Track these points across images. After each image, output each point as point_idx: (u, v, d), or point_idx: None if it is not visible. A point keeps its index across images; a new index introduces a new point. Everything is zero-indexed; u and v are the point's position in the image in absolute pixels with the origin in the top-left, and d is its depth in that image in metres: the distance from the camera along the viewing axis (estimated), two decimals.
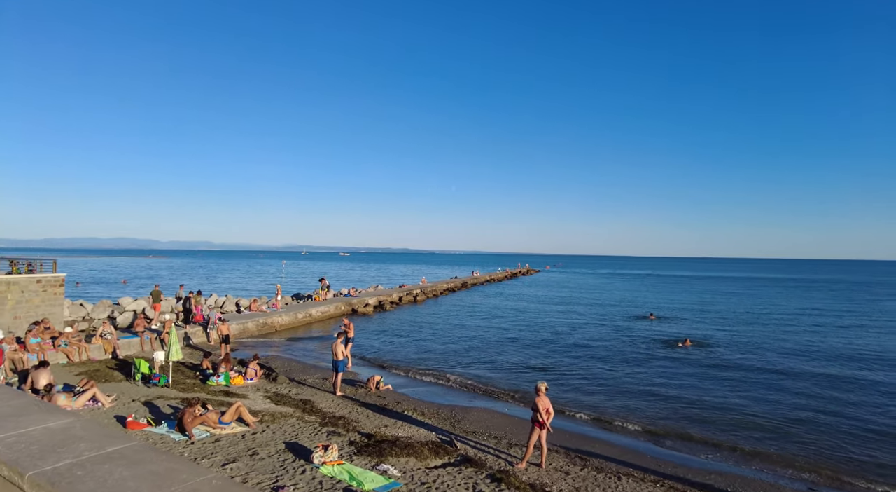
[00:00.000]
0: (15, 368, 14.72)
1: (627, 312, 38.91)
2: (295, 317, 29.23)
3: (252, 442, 10.14)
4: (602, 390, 16.09)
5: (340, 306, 34.50)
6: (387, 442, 10.64)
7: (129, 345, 19.02)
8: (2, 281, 17.94)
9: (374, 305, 37.75)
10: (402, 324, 30.97)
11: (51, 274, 19.53)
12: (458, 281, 63.57)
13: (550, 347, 22.86)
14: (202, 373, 15.97)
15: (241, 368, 16.46)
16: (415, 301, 44.61)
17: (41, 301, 18.98)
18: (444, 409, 13.91)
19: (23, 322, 18.07)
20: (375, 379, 15.52)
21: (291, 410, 12.86)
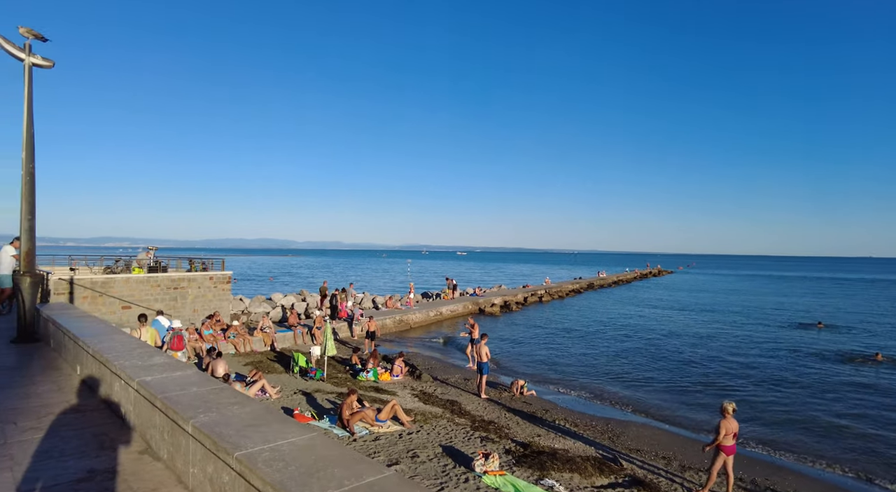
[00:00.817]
0: (197, 355, 16.46)
1: (787, 320, 34.22)
2: (427, 315, 29.77)
3: (409, 443, 10.06)
4: (782, 419, 13.64)
5: (468, 305, 34.56)
6: (545, 454, 10.00)
7: (285, 338, 20.49)
8: (183, 278, 20.32)
9: (499, 305, 37.35)
10: (530, 326, 30.11)
11: (220, 272, 21.74)
12: (583, 282, 61.03)
13: (704, 362, 20.49)
14: (352, 368, 16.60)
15: (386, 364, 16.87)
16: (540, 302, 43.45)
17: (213, 296, 21.20)
18: (598, 421, 12.90)
19: (199, 315, 20.32)
20: (519, 383, 14.96)
21: (440, 410, 12.74)
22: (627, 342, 24.34)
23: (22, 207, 7.78)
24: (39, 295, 8.99)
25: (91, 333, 6.08)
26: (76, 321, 6.93)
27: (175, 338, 16.36)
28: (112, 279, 18.36)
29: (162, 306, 19.15)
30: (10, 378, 5.80)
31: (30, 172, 7.80)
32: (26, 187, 7.78)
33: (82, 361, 5.78)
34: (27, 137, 7.74)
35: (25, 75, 7.76)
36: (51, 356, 6.96)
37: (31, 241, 7.90)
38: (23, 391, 5.29)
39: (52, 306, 8.56)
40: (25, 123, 7.70)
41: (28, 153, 7.76)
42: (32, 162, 7.82)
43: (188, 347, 16.47)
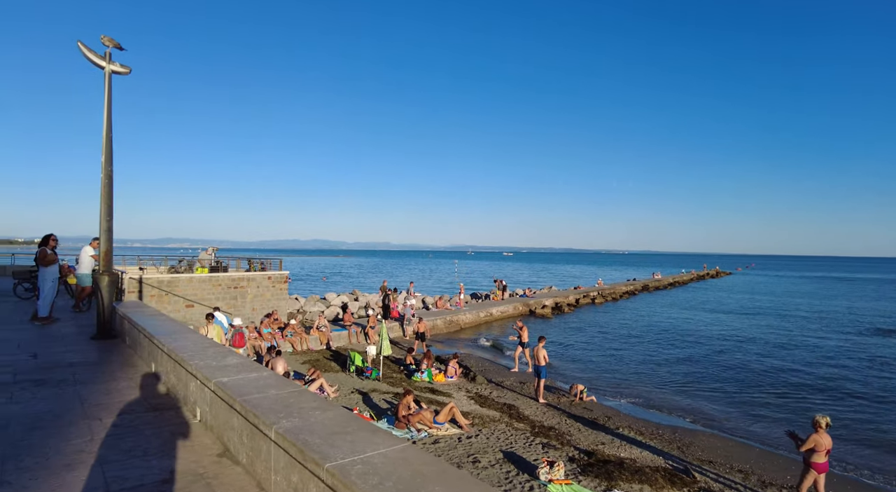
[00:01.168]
0: (257, 353, 16.88)
1: (864, 326, 31.79)
2: (477, 315, 29.51)
3: (469, 447, 9.85)
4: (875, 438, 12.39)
5: (518, 307, 34.06)
6: (612, 463, 9.56)
7: (340, 337, 20.76)
8: (243, 277, 20.95)
9: (550, 306, 36.63)
10: (584, 328, 29.30)
11: (277, 272, 22.29)
12: (637, 284, 59.09)
13: (775, 372, 19.10)
14: (406, 368, 16.58)
15: (440, 365, 16.76)
16: (593, 304, 42.34)
17: (271, 296, 21.75)
18: (664, 430, 12.27)
19: (258, 314, 20.90)
20: (578, 388, 14.47)
21: (498, 414, 12.47)
22: (690, 348, 23.19)
23: (101, 209, 8.10)
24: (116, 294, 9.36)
25: (165, 331, 6.20)
26: (150, 320, 7.12)
27: (237, 335, 16.86)
28: (177, 279, 19.13)
29: (223, 305, 19.81)
30: (93, 374, 5.98)
31: (108, 175, 8.10)
32: (105, 190, 8.08)
33: (157, 359, 5.89)
34: (106, 142, 8.05)
35: (105, 82, 8.08)
36: (127, 353, 7.17)
37: (109, 241, 8.21)
38: (104, 387, 5.43)
39: (127, 304, 8.88)
40: (105, 127, 8.01)
41: (107, 157, 8.06)
42: (111, 165, 8.13)
43: (248, 344, 16.95)
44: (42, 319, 9.64)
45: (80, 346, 7.60)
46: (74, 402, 4.91)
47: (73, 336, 8.40)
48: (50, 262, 10.08)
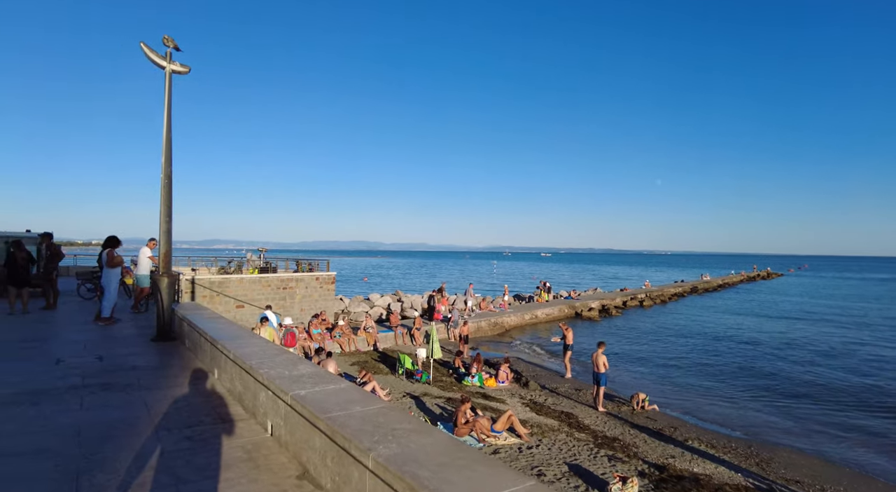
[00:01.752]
0: (306, 354, 16.83)
1: None
2: (522, 318, 28.89)
3: (532, 458, 9.35)
4: None
5: (564, 309, 33.17)
6: (686, 479, 8.88)
7: (386, 338, 20.58)
8: (292, 278, 21.06)
9: (597, 309, 35.57)
10: (635, 332, 28.21)
11: (325, 272, 22.34)
12: (685, 285, 56.95)
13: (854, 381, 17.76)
14: (455, 372, 16.20)
15: (490, 369, 16.29)
16: (641, 306, 40.92)
17: (319, 296, 21.80)
18: (738, 443, 11.41)
19: (306, 314, 20.96)
20: (640, 397, 13.71)
21: (556, 423, 11.90)
22: (753, 356, 21.81)
23: (161, 209, 8.03)
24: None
25: (227, 335, 5.99)
26: (210, 322, 6.95)
27: (288, 335, 16.88)
28: (227, 279, 19.36)
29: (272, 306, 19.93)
30: (156, 378, 5.82)
31: (168, 176, 8.03)
32: (164, 191, 8.01)
33: (220, 365, 5.68)
34: (166, 142, 7.97)
35: (166, 82, 8.01)
36: (187, 356, 7.03)
37: (169, 243, 8.14)
38: (169, 393, 5.23)
39: (185, 306, 8.82)
40: (165, 128, 7.94)
41: (167, 157, 7.99)
42: (170, 166, 8.05)
43: (298, 345, 16.93)
44: (104, 319, 9.72)
45: (141, 348, 7.53)
46: (141, 409, 4.71)
47: (133, 338, 8.37)
48: (116, 263, 10.18)
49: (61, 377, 5.78)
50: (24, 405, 4.77)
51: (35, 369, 6.18)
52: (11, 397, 5.01)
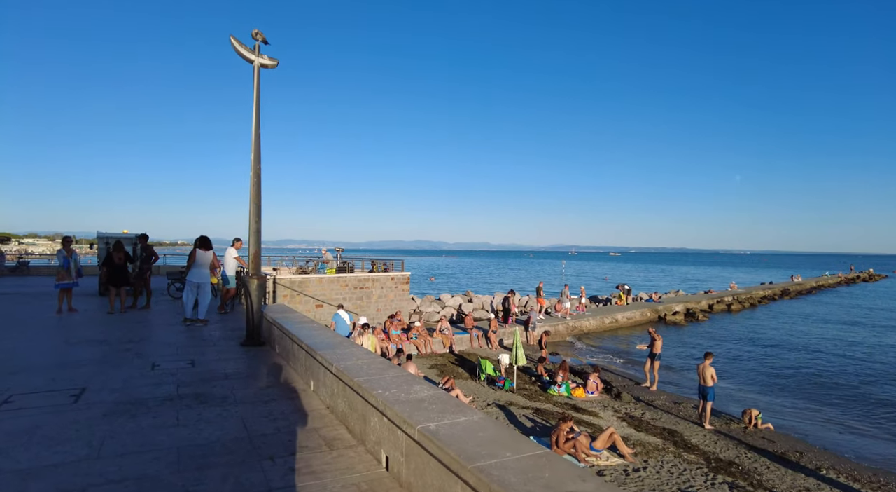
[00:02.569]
0: (384, 354, 16.52)
1: None
2: (602, 321, 27.41)
3: (641, 483, 8.34)
4: None
5: (646, 313, 31.24)
6: None
7: (461, 341, 19.98)
8: (368, 278, 20.92)
9: (682, 313, 33.30)
10: (725, 339, 25.98)
11: (400, 272, 22.06)
12: (775, 287, 52.55)
13: None
14: (538, 379, 15.29)
15: (577, 378, 15.26)
16: (729, 310, 37.95)
17: (394, 296, 21.55)
18: (889, 477, 9.76)
19: (382, 314, 20.76)
20: (753, 413, 12.23)
21: (660, 441, 10.75)
22: (872, 372, 19.27)
23: (250, 208, 7.76)
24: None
25: (325, 344, 5.50)
26: (304, 328, 6.54)
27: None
28: (307, 279, 19.47)
29: (349, 305, 19.89)
30: (250, 390, 5.43)
31: (257, 174, 7.74)
32: (254, 189, 7.73)
33: (318, 378, 5.19)
34: (255, 138, 7.69)
35: (255, 76, 7.74)
36: (279, 364, 6.66)
37: (258, 243, 7.86)
38: (266, 410, 4.78)
39: (273, 309, 8.54)
40: (254, 123, 7.65)
41: (255, 154, 7.70)
42: (259, 163, 7.77)
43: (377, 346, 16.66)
44: (193, 320, 9.68)
45: (231, 354, 7.26)
46: (239, 428, 4.26)
47: (222, 341, 8.17)
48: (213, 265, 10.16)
49: (157, 384, 5.51)
50: (123, 417, 4.47)
51: (133, 373, 5.99)
52: (112, 406, 4.74)
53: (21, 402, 4.84)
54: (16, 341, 7.92)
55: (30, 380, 5.62)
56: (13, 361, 6.53)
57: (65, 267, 11.28)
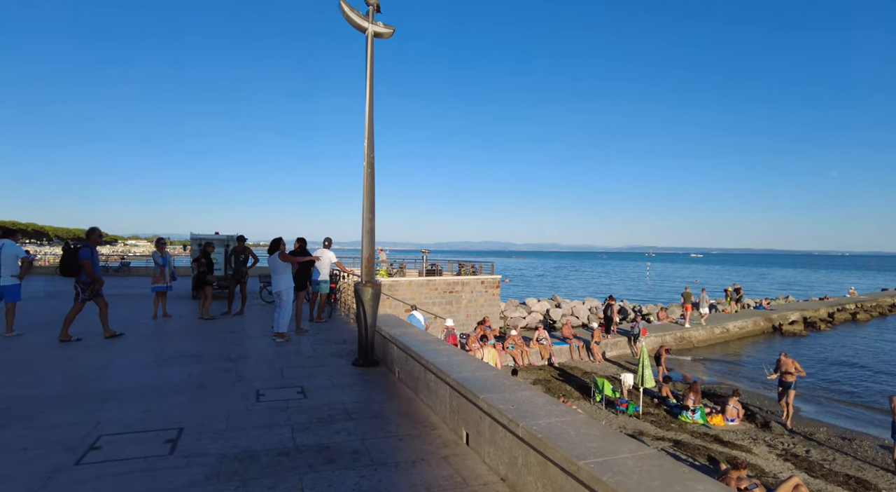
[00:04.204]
0: None
1: None
2: (711, 331, 24.54)
3: None
4: None
5: (759, 322, 27.83)
6: None
7: (560, 352, 18.21)
8: (457, 281, 19.64)
9: (800, 321, 29.50)
10: (861, 354, 22.35)
11: (490, 276, 20.61)
12: None
13: None
14: (662, 402, 13.27)
15: (707, 400, 13.09)
16: (854, 319, 33.38)
17: (484, 301, 20.14)
18: None
19: (471, 320, 19.40)
20: None
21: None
22: None
23: (363, 204, 6.56)
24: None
25: (481, 381, 4.11)
26: (439, 353, 5.20)
27: (448, 337, 15.36)
28: (397, 282, 18.47)
29: (438, 310, 18.72)
30: (384, 440, 4.13)
31: (370, 163, 6.53)
32: (367, 181, 6.52)
33: (480, 431, 3.79)
34: (368, 120, 6.48)
35: (368, 47, 6.52)
36: (406, 395, 5.36)
37: (371, 244, 6.64)
38: (414, 477, 3.44)
39: (385, 320, 7.29)
40: (368, 102, 6.44)
41: (369, 139, 6.49)
42: (373, 150, 6.55)
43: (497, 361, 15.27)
44: (278, 334, 8.58)
45: (344, 377, 6.06)
46: None
47: (330, 360, 7.03)
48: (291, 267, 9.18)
49: (268, 426, 4.34)
50: (230, 484, 3.27)
51: (236, 405, 4.89)
52: (216, 462, 3.58)
53: (110, 449, 3.80)
54: (113, 352, 7.20)
55: (123, 411, 4.65)
56: (109, 380, 5.68)
57: (164, 265, 10.81)
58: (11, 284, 8.48)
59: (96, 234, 8.48)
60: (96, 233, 8.49)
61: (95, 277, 8.20)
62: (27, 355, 6.98)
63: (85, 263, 8.07)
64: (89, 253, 8.12)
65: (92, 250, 8.21)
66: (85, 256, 8.07)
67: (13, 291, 8.50)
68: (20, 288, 8.61)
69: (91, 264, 8.13)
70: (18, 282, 8.56)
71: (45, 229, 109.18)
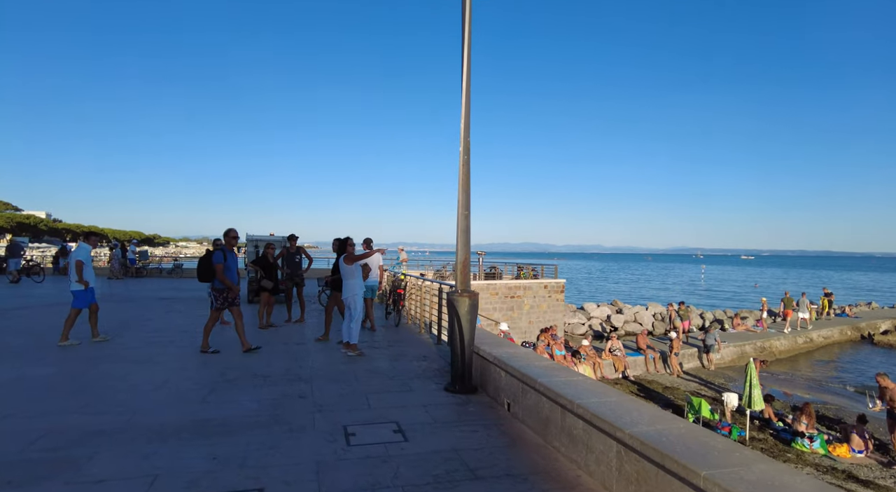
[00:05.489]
0: None
1: None
2: (794, 341, 22.34)
3: None
4: None
5: (845, 330, 25.33)
6: None
7: (635, 364, 16.68)
8: (519, 286, 18.38)
9: (892, 331, 26.75)
10: None
11: (553, 280, 19.26)
12: None
13: None
14: (767, 425, 11.63)
15: (827, 428, 11.37)
16: None
17: (547, 307, 18.81)
18: None
19: (534, 327, 18.11)
20: None
21: None
22: None
23: (458, 198, 5.47)
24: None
25: (657, 432, 2.91)
26: (564, 383, 4.03)
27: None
28: None
29: (499, 315, 17.52)
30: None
31: (466, 149, 5.43)
32: (463, 170, 5.43)
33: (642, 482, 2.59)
34: (465, 94, 5.38)
35: (466, 8, 5.41)
36: (526, 438, 4.22)
37: (468, 245, 5.54)
38: None
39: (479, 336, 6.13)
40: (465, 69, 5.34)
41: (465, 120, 5.39)
42: (469, 134, 5.45)
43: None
44: (349, 346, 7.55)
45: (444, 410, 4.94)
46: None
47: (415, 382, 5.96)
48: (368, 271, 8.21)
49: (371, 488, 3.26)
50: None
51: (322, 452, 3.85)
52: None
53: None
54: (169, 369, 6.34)
55: (185, 457, 3.68)
56: (166, 409, 4.77)
57: None
58: (75, 290, 8.01)
59: (232, 235, 7.46)
60: (232, 234, 7.46)
61: (229, 283, 7.31)
62: (80, 370, 6.23)
63: (217, 267, 7.23)
64: (222, 257, 7.27)
65: (225, 254, 7.33)
66: (217, 261, 7.24)
67: (77, 297, 7.99)
68: (84, 294, 8.03)
69: (224, 269, 7.27)
70: (82, 287, 8.00)
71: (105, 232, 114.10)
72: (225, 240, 7.47)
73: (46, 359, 6.79)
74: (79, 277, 8.02)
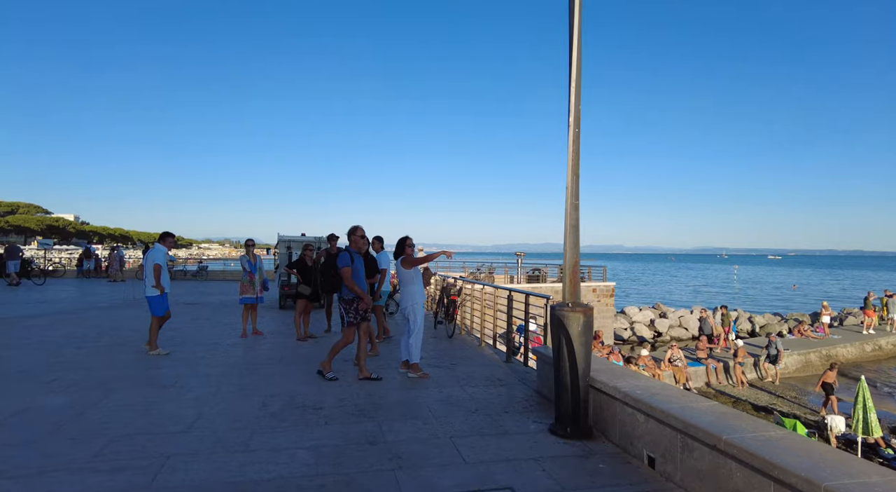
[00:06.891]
0: None
1: None
2: (861, 349, 20.61)
3: None
4: None
5: None
6: None
7: (696, 374, 15.27)
8: None
9: None
10: None
11: (602, 283, 17.92)
12: None
13: None
14: (874, 452, 10.14)
15: None
16: None
17: (597, 312, 17.43)
18: None
19: None
20: None
21: None
22: None
23: (567, 189, 4.27)
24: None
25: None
26: (761, 441, 2.79)
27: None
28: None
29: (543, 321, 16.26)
30: None
31: (576, 134, 4.23)
32: (572, 157, 4.24)
33: None
34: (577, 62, 4.18)
35: None
36: None
37: (577, 246, 4.33)
38: None
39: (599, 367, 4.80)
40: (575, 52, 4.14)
41: (576, 98, 4.20)
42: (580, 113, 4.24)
43: None
44: (412, 367, 6.38)
45: (566, 468, 3.69)
46: None
47: (506, 419, 4.76)
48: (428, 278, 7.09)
49: None
50: None
51: None
52: None
53: None
54: (200, 398, 5.23)
55: None
56: (200, 462, 3.63)
57: (253, 272, 8.95)
58: (149, 295, 7.24)
59: (359, 234, 6.12)
60: (359, 233, 6.12)
61: (359, 292, 5.85)
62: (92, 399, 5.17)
63: (343, 272, 5.77)
64: (349, 259, 5.84)
65: (352, 256, 5.91)
66: (344, 263, 5.81)
67: (152, 303, 7.24)
68: (161, 300, 7.27)
69: (351, 274, 5.81)
70: (158, 293, 7.21)
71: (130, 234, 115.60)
72: (350, 240, 6.10)
73: (59, 382, 5.77)
74: (156, 281, 7.19)
